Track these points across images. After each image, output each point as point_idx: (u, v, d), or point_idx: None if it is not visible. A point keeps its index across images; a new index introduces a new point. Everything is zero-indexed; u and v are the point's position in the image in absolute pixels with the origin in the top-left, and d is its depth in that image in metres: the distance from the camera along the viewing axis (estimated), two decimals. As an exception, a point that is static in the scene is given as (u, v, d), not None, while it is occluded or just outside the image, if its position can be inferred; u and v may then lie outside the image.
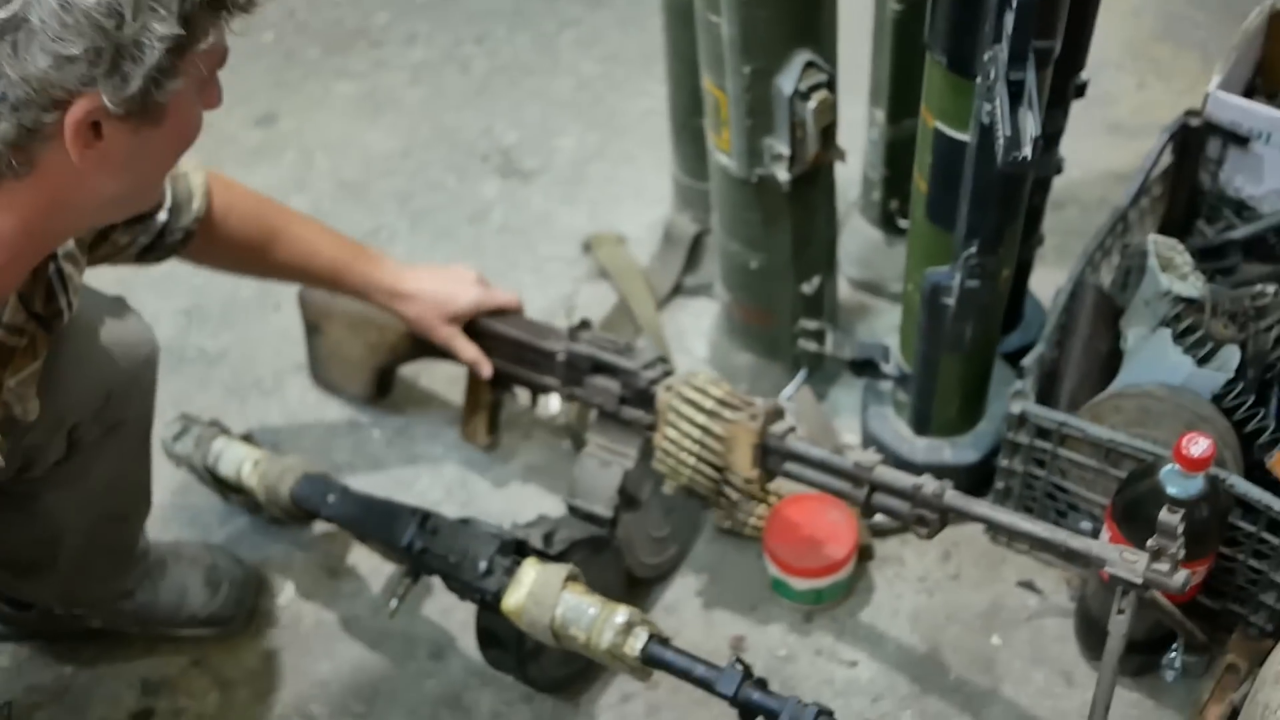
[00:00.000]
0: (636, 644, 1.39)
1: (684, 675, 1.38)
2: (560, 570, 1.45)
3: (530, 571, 1.46)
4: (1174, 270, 1.64)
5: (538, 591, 1.43)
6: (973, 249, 1.44)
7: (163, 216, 1.47)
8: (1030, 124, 1.17)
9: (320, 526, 1.85)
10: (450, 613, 1.75)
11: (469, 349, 1.76)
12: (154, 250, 1.51)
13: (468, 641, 1.70)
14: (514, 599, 1.44)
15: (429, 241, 2.29)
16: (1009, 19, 1.18)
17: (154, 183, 1.16)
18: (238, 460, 1.77)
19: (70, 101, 0.95)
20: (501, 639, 1.55)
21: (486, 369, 1.76)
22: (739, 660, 1.36)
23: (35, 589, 1.66)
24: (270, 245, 1.63)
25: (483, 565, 1.49)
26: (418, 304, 1.73)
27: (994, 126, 1.23)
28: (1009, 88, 1.19)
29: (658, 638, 1.40)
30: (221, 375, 2.10)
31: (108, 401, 1.44)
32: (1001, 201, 1.40)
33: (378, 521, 1.60)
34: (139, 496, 1.64)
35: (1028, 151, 1.17)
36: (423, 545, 1.54)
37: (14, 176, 1.00)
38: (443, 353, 1.80)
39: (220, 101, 1.15)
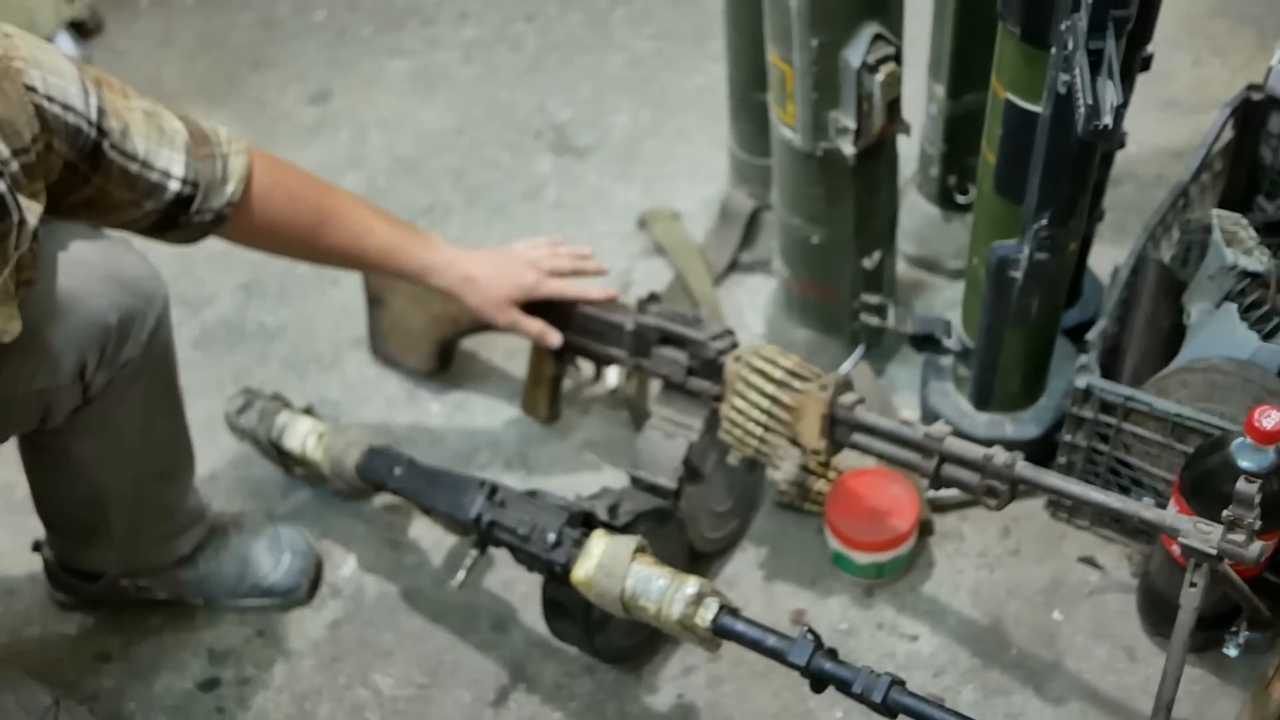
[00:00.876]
0: (707, 615, 1.40)
1: (755, 646, 1.39)
2: (629, 542, 1.45)
3: (599, 543, 1.46)
4: (1239, 245, 1.63)
5: (607, 563, 1.44)
6: (1044, 221, 1.43)
7: (174, 185, 1.36)
8: (1111, 92, 1.17)
9: (382, 499, 1.86)
10: (511, 585, 1.76)
11: (532, 324, 1.72)
12: (179, 227, 1.42)
13: (529, 613, 1.71)
14: (584, 570, 1.45)
15: (484, 218, 2.30)
16: (1089, -12, 1.18)
17: None
18: (302, 433, 1.79)
19: None
20: (568, 610, 1.55)
21: (554, 338, 1.72)
22: (809, 631, 1.36)
23: (96, 555, 1.68)
24: (318, 229, 1.55)
25: (551, 537, 1.50)
26: (477, 288, 1.68)
27: (1072, 96, 1.23)
28: (1089, 57, 1.19)
29: (728, 609, 1.41)
30: (280, 350, 2.12)
31: (110, 338, 1.42)
32: (1075, 173, 1.39)
33: (445, 494, 1.61)
34: (177, 451, 1.65)
35: (1109, 120, 1.17)
36: (491, 518, 1.55)
37: None
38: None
39: None
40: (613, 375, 1.88)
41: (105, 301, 1.41)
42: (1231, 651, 1.60)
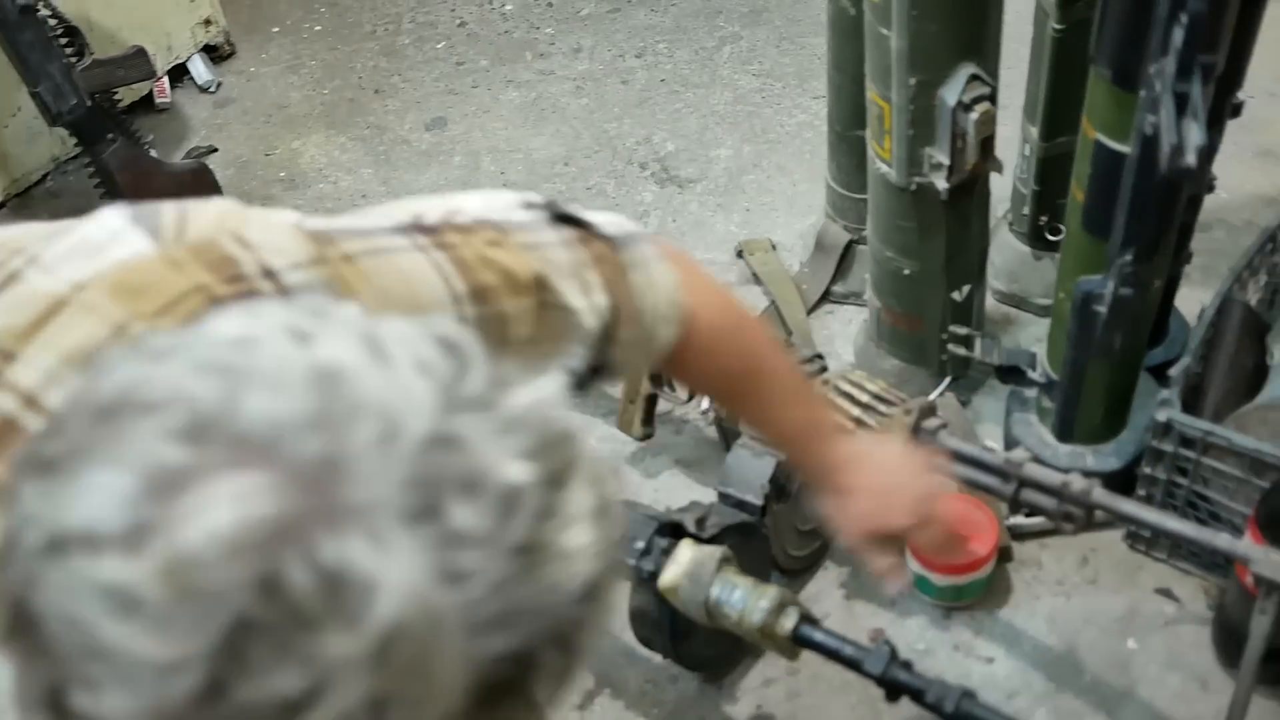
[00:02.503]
0: (788, 623, 1.45)
1: (832, 655, 1.44)
2: (715, 552, 1.51)
3: (687, 552, 1.52)
4: (1325, 289, 1.67)
5: (694, 571, 1.50)
6: (1128, 257, 1.49)
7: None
8: (1195, 134, 1.23)
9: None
10: (601, 591, 1.83)
11: (875, 562, 1.35)
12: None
13: (616, 623, 1.77)
14: (670, 577, 1.51)
15: (588, 243, 2.39)
16: (1177, 34, 1.24)
17: None
18: None
19: None
20: (653, 619, 1.62)
21: (895, 584, 1.38)
22: (886, 642, 1.42)
23: None
24: (730, 400, 1.34)
25: (640, 544, 1.56)
26: (844, 507, 1.32)
27: (1158, 137, 1.28)
28: (1175, 99, 1.25)
29: (808, 618, 1.47)
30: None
31: None
32: (1159, 211, 1.45)
33: None
34: None
35: (1192, 160, 1.22)
36: None
37: None
38: None
39: None
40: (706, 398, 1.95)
41: None
42: (1305, 686, 1.64)
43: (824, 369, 1.69)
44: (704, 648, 1.69)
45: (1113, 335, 1.61)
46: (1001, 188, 2.05)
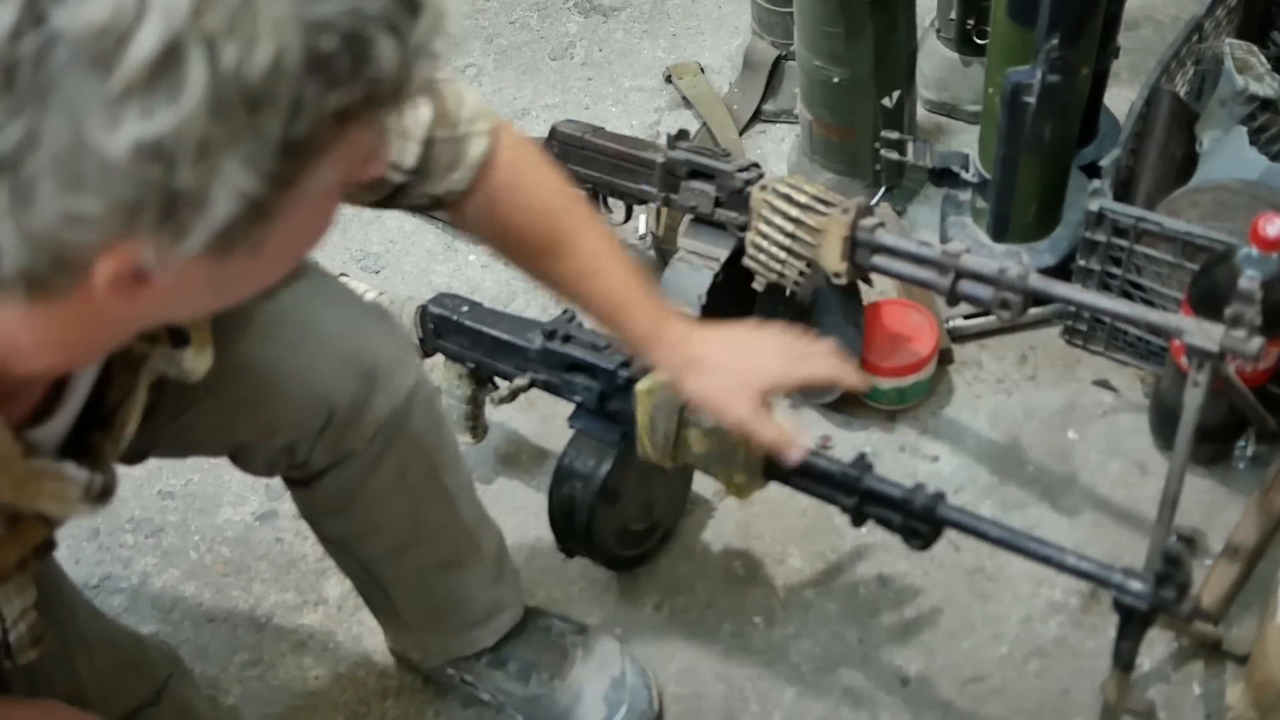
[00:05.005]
0: None
1: (807, 470, 1.36)
2: None
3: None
4: (1250, 71, 1.68)
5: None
6: (1055, 41, 1.48)
7: (397, 179, 1.16)
8: (1115, -100, 1.22)
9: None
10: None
11: (769, 429, 1.28)
12: (395, 203, 1.21)
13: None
14: (650, 382, 1.42)
15: (514, 78, 2.36)
16: None
17: (259, 288, 0.83)
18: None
19: (93, 261, 0.68)
20: (562, 518, 1.58)
21: (794, 453, 1.30)
22: (862, 455, 1.37)
23: (398, 637, 1.59)
24: (542, 252, 1.27)
25: (620, 357, 1.51)
26: (701, 373, 1.28)
27: (1079, -91, 1.27)
28: None
29: None
30: (321, 207, 2.19)
31: (329, 423, 1.25)
32: (1084, -11, 1.44)
33: (510, 327, 1.64)
34: (457, 539, 1.45)
35: (1113, -73, 1.21)
36: (566, 332, 1.56)
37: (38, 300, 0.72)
38: None
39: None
40: (643, 219, 1.94)
41: (332, 384, 1.24)
42: (1239, 464, 1.67)
43: (760, 175, 1.67)
44: (622, 548, 1.65)
45: (1043, 126, 1.61)
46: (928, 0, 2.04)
